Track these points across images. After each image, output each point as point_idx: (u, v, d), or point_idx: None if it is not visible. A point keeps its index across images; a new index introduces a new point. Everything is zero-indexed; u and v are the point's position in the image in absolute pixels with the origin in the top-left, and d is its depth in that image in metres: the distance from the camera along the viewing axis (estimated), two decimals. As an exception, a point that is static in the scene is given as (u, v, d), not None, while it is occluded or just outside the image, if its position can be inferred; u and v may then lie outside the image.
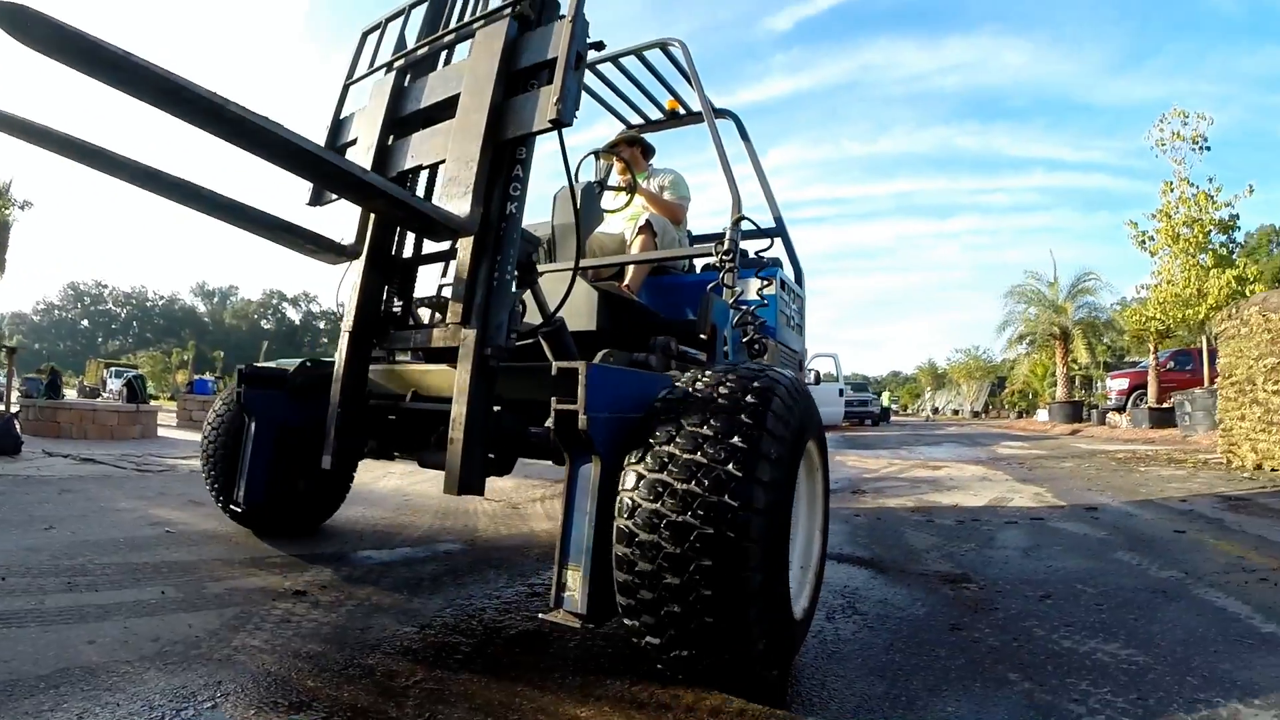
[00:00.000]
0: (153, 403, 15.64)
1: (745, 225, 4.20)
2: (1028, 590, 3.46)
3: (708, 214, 6.39)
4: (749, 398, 2.09)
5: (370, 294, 3.15)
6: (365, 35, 3.64)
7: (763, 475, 1.95)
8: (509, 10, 2.82)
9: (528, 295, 2.99)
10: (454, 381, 2.58)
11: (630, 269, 4.39)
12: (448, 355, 2.81)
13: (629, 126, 5.89)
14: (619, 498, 2.02)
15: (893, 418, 43.98)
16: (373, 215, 3.15)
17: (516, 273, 2.75)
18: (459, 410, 2.50)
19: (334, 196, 3.22)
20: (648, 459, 2.01)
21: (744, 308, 3.87)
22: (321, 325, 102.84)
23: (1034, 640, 2.71)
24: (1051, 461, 10.90)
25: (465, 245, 2.71)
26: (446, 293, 3.80)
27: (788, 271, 5.28)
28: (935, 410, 61.93)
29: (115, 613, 2.68)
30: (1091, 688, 2.25)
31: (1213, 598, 3.32)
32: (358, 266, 3.16)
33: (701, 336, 3.52)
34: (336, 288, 3.41)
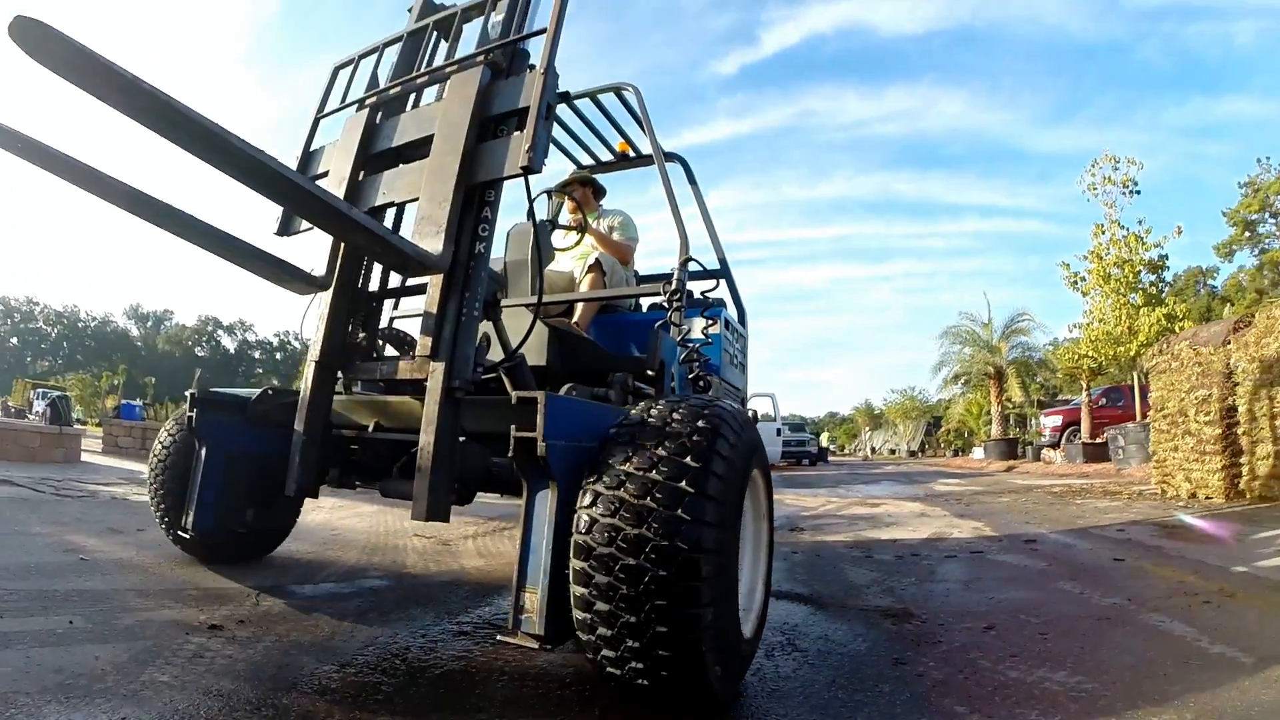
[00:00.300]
0: (80, 426, 15.21)
1: (692, 266, 4.33)
2: (970, 622, 3.40)
3: (650, 254, 6.41)
4: (699, 426, 2.20)
5: (337, 325, 3.18)
6: (337, 70, 3.71)
7: (712, 497, 2.07)
8: (482, 58, 2.98)
9: (490, 330, 3.06)
10: (417, 412, 2.71)
11: (579, 306, 4.50)
12: (411, 387, 2.93)
13: (580, 167, 5.95)
14: (576, 520, 2.11)
15: (831, 458, 44.37)
16: (342, 247, 3.20)
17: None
18: (427, 440, 2.57)
19: (304, 227, 3.34)
20: (604, 482, 2.11)
21: (690, 346, 4.00)
22: (257, 355, 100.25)
23: (980, 672, 2.63)
24: (988, 497, 10.98)
25: (435, 282, 2.81)
26: (403, 325, 3.84)
27: (731, 312, 5.42)
28: (873, 450, 62.71)
29: (18, 641, 2.52)
30: (1042, 717, 2.18)
31: (1158, 622, 3.30)
32: (324, 297, 3.19)
33: (650, 373, 3.67)
34: (301, 317, 3.41)
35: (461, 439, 2.71)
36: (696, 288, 4.91)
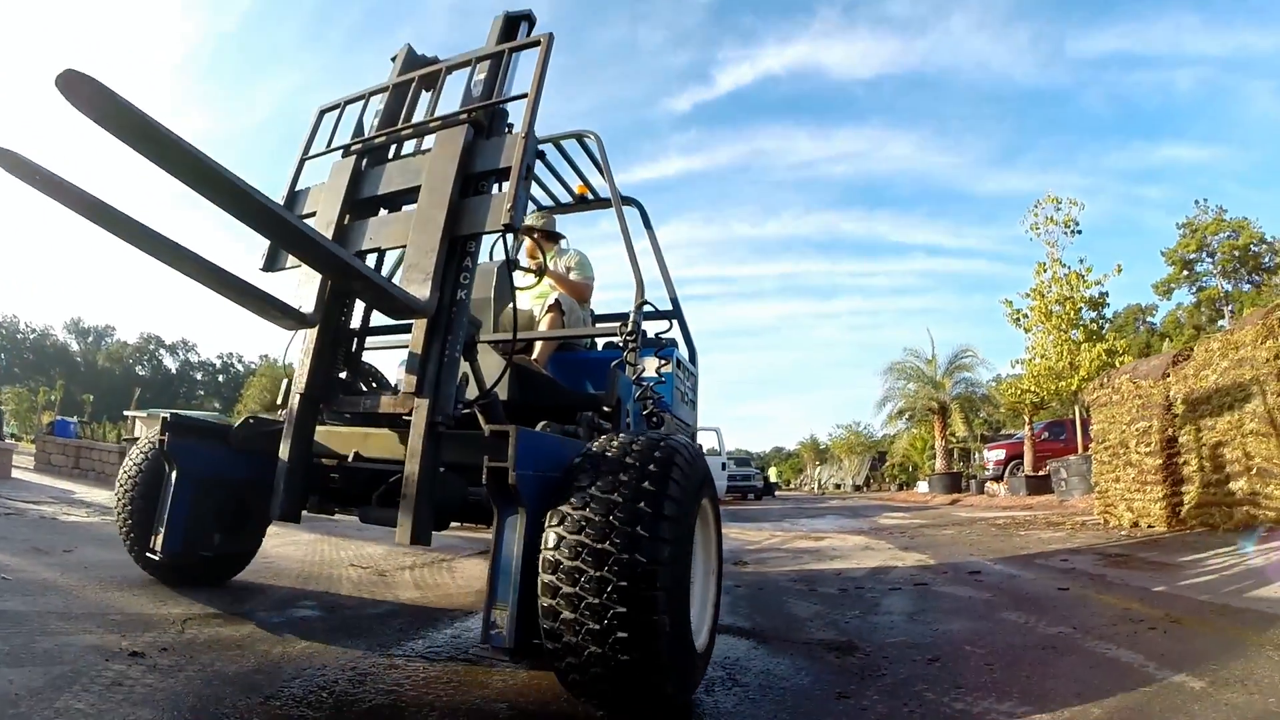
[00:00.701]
0: (12, 441, 15.00)
1: (645, 308, 4.64)
2: (915, 654, 3.36)
3: (603, 287, 6.42)
4: (656, 456, 2.46)
5: (322, 359, 3.37)
6: (322, 113, 3.93)
7: (667, 517, 2.31)
8: (465, 118, 3.30)
9: (467, 368, 3.27)
10: (395, 444, 3.08)
11: (539, 344, 4.78)
12: (389, 420, 3.19)
13: (540, 207, 6.14)
14: (545, 538, 2.33)
15: (777, 492, 44.54)
16: (328, 287, 3.33)
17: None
18: (411, 469, 2.79)
19: (289, 264, 3.52)
20: (571, 503, 2.33)
21: (645, 385, 4.30)
22: (199, 376, 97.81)
23: (925, 704, 2.59)
24: (933, 530, 11.04)
25: (420, 324, 3.07)
26: (369, 358, 3.96)
27: (683, 351, 5.73)
28: (819, 484, 63.07)
29: (-69, 663, 2.38)
30: (988, 749, 2.12)
31: (1104, 649, 3.29)
32: (310, 333, 3.37)
33: (607, 409, 3.95)
34: (284, 350, 3.71)
35: (440, 469, 2.91)
36: (650, 327, 5.06)
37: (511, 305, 3.60)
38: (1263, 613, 3.84)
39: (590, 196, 5.95)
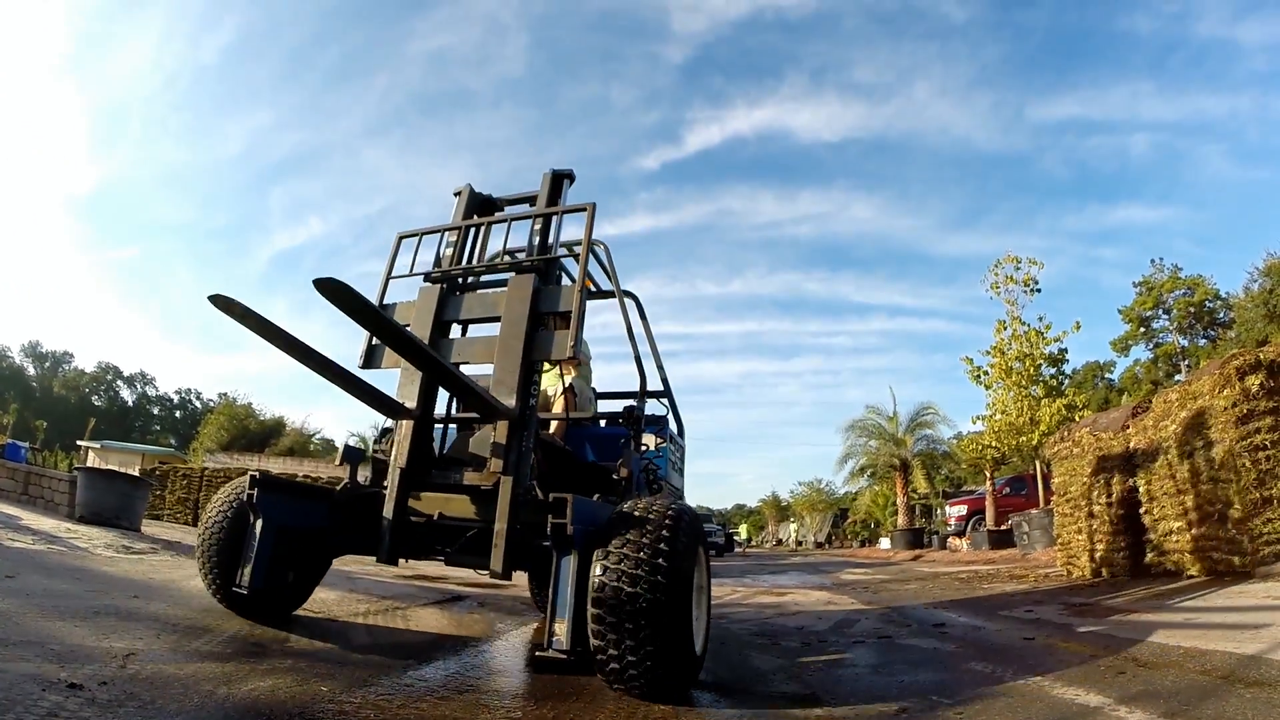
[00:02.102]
0: None
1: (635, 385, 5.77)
2: (881, 705, 3.33)
3: (602, 365, 7.06)
4: (669, 515, 3.47)
5: (419, 441, 4.35)
6: (401, 239, 5.02)
7: (675, 564, 3.30)
8: (530, 267, 4.45)
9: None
10: (469, 508, 4.11)
11: (555, 422, 5.66)
12: (469, 489, 4.15)
13: None
14: (593, 573, 3.31)
15: (740, 549, 44.43)
16: (424, 390, 4.41)
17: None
18: (501, 526, 3.81)
19: (385, 364, 4.61)
20: (611, 547, 3.33)
21: (647, 457, 5.38)
22: (155, 411, 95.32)
23: (891, 752, 2.52)
24: (896, 584, 11.03)
25: (503, 425, 4.10)
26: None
27: (673, 425, 6.72)
28: (779, 541, 62.90)
29: None
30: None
31: (1073, 696, 3.27)
32: (407, 423, 4.36)
33: (616, 477, 4.83)
34: (379, 432, 5.09)
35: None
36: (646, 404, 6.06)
37: (568, 399, 5.32)
38: (1230, 653, 3.84)
39: (594, 289, 6.54)
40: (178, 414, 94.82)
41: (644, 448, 5.36)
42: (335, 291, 3.07)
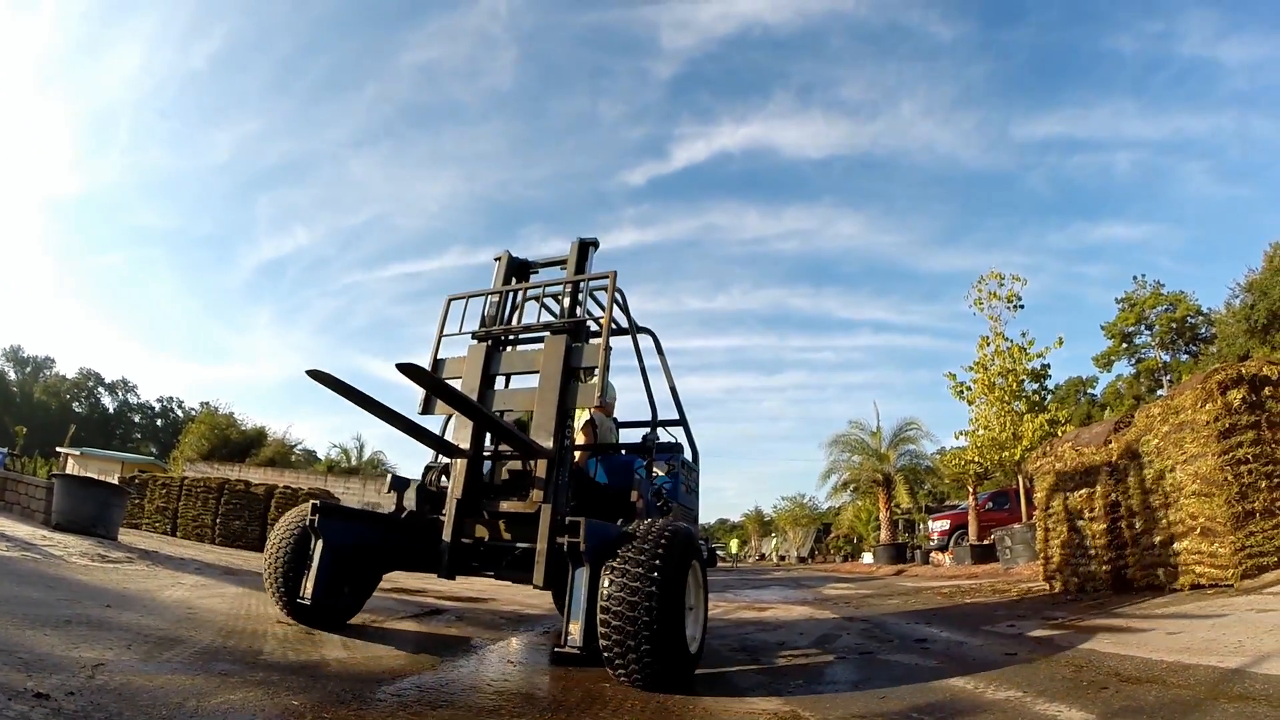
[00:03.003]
0: None
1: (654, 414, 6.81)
2: None
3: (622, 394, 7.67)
4: (664, 536, 4.13)
5: (472, 476, 5.27)
6: (450, 301, 5.95)
7: (666, 569, 3.97)
8: (564, 329, 5.40)
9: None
10: (516, 531, 5.09)
11: (578, 452, 6.21)
12: (515, 516, 5.10)
13: None
14: (602, 584, 4.00)
15: (722, 564, 44.33)
16: (474, 434, 5.29)
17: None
18: (542, 546, 4.64)
19: (437, 410, 5.50)
20: (616, 562, 4.03)
21: (658, 484, 6.05)
22: (137, 419, 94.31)
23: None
24: (878, 600, 11.00)
25: (542, 463, 5.00)
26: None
27: (688, 452, 7.25)
28: (762, 556, 62.82)
29: None
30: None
31: (1055, 711, 3.25)
32: (461, 461, 5.28)
33: (632, 500, 5.67)
34: (425, 468, 5.82)
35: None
36: (662, 432, 6.94)
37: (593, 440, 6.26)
38: (1214, 667, 3.84)
39: (616, 327, 6.73)
40: (159, 422, 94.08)
41: (654, 474, 6.02)
42: (418, 376, 4.46)
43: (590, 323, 6.89)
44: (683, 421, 7.07)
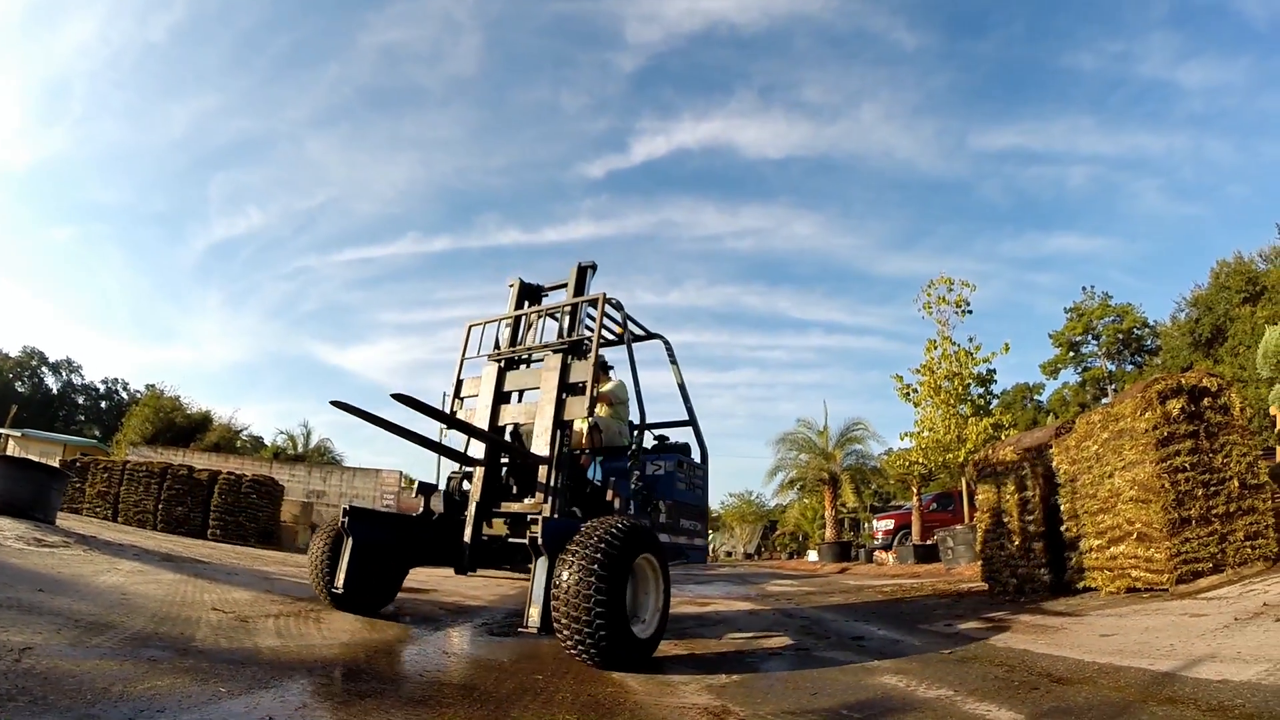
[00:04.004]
0: None
1: (667, 415, 7.78)
2: (792, 719, 3.26)
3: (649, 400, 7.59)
4: (610, 531, 4.52)
5: (489, 482, 6.01)
6: (470, 328, 6.74)
7: (608, 562, 4.35)
8: (563, 348, 5.99)
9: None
10: (524, 528, 5.50)
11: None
12: (521, 516, 5.71)
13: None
14: (556, 575, 4.41)
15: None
16: (488, 448, 6.04)
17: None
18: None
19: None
20: (568, 555, 4.43)
21: (638, 483, 6.28)
22: (81, 400, 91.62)
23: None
24: (820, 596, 11.03)
25: (544, 469, 5.61)
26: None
27: (696, 453, 7.64)
28: (710, 552, 63.01)
29: None
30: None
31: (984, 710, 3.23)
32: (479, 470, 6.03)
33: (608, 499, 5.96)
34: (461, 477, 6.37)
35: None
36: (673, 432, 7.85)
37: (596, 438, 6.48)
38: (1145, 670, 3.86)
39: (629, 336, 7.42)
40: (104, 404, 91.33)
41: (635, 475, 6.29)
42: (408, 402, 5.05)
43: (609, 333, 7.78)
44: (692, 421, 7.58)
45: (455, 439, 6.32)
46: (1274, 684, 3.28)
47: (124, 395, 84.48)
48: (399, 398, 4.92)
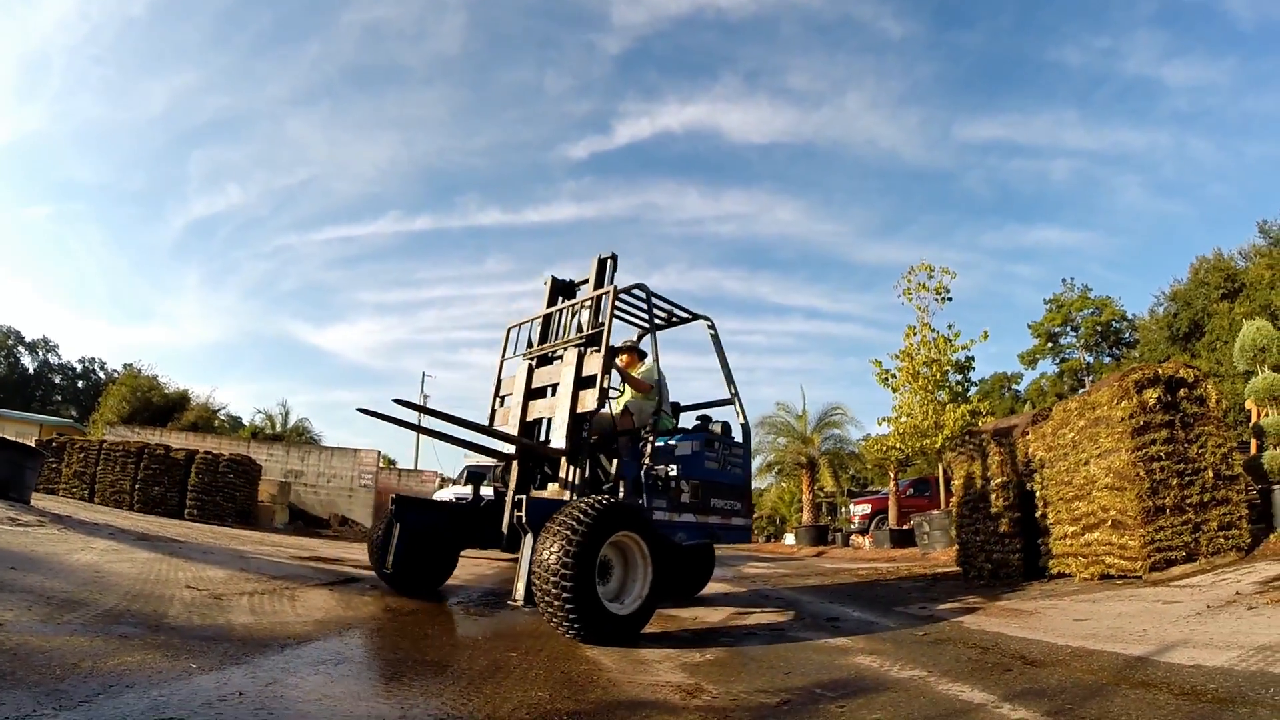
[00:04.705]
0: None
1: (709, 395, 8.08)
2: (763, 698, 3.24)
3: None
4: (583, 510, 4.71)
5: (521, 472, 6.50)
6: (510, 330, 7.31)
7: (579, 544, 4.51)
8: (579, 343, 6.33)
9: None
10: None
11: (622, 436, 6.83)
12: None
13: (639, 335, 8.33)
14: (536, 551, 4.68)
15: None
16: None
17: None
18: None
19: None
20: (545, 534, 4.68)
21: (647, 463, 6.24)
22: (58, 380, 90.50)
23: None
24: (796, 579, 11.03)
25: (564, 460, 5.99)
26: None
27: (739, 431, 7.74)
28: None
29: None
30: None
31: (956, 691, 3.23)
32: (515, 463, 6.54)
33: (607, 482, 6.24)
34: (503, 467, 6.86)
35: None
36: (715, 412, 7.94)
37: (615, 427, 6.39)
38: (1117, 654, 3.87)
39: (675, 320, 8.10)
40: (80, 384, 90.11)
41: (644, 456, 6.30)
42: (375, 417, 5.66)
43: (639, 319, 8.23)
44: (735, 399, 7.72)
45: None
46: (1246, 669, 3.28)
47: (101, 375, 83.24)
48: (365, 411, 5.54)
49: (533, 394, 6.74)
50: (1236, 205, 73.52)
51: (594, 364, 6.03)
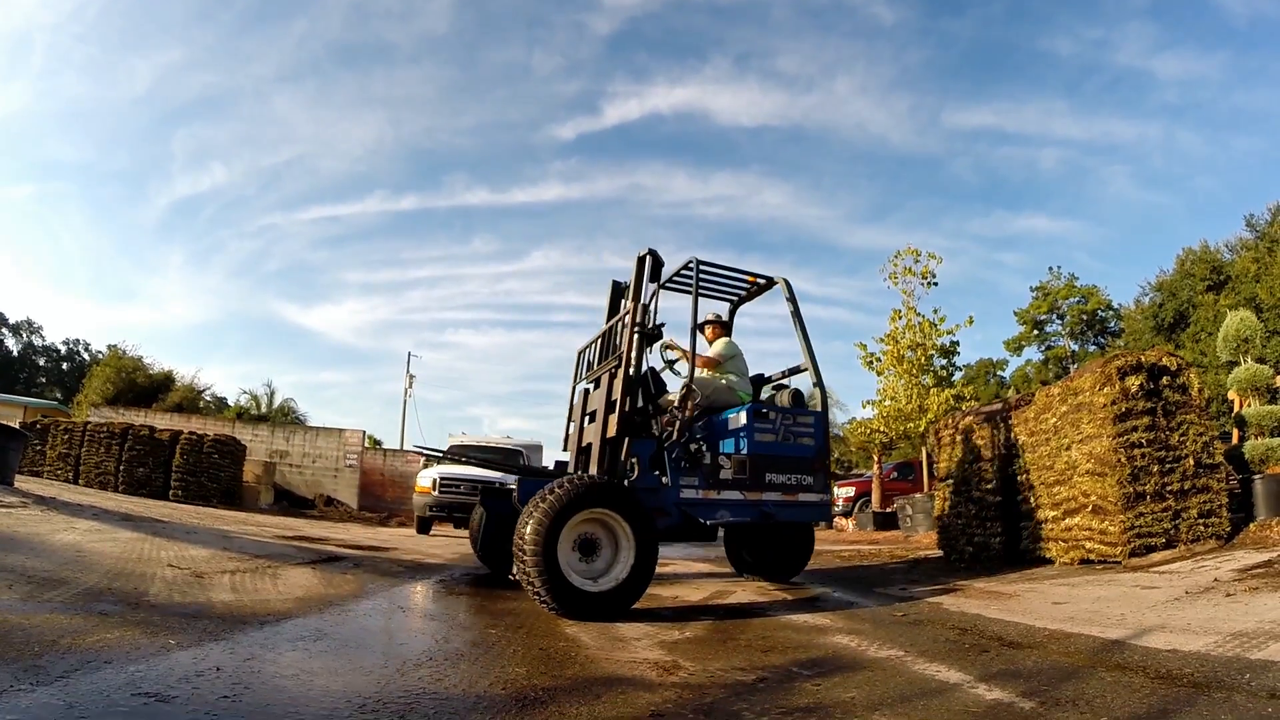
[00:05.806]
0: None
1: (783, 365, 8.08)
2: (740, 675, 3.23)
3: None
4: (549, 491, 4.93)
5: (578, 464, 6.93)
6: (580, 352, 7.42)
7: (542, 522, 4.77)
8: (613, 365, 6.08)
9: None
10: None
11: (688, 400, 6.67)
12: None
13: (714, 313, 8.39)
14: (518, 528, 4.91)
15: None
16: (574, 450, 6.98)
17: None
18: None
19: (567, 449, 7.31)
20: (524, 513, 4.91)
21: (666, 439, 6.18)
22: (42, 362, 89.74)
23: (743, 724, 2.41)
24: (779, 561, 10.99)
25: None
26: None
27: (816, 397, 7.68)
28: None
29: None
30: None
31: (933, 671, 3.22)
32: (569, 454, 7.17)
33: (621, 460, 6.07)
34: (554, 464, 8.07)
35: None
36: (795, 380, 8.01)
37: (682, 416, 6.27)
38: (1095, 637, 3.88)
39: (755, 288, 8.15)
40: (65, 365, 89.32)
41: (673, 429, 6.20)
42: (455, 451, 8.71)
43: (726, 289, 8.31)
44: (811, 366, 7.61)
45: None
46: (1222, 655, 3.29)
47: (85, 356, 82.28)
48: (418, 450, 7.04)
49: (591, 416, 6.67)
50: (1223, 199, 73.99)
51: (617, 389, 5.87)
